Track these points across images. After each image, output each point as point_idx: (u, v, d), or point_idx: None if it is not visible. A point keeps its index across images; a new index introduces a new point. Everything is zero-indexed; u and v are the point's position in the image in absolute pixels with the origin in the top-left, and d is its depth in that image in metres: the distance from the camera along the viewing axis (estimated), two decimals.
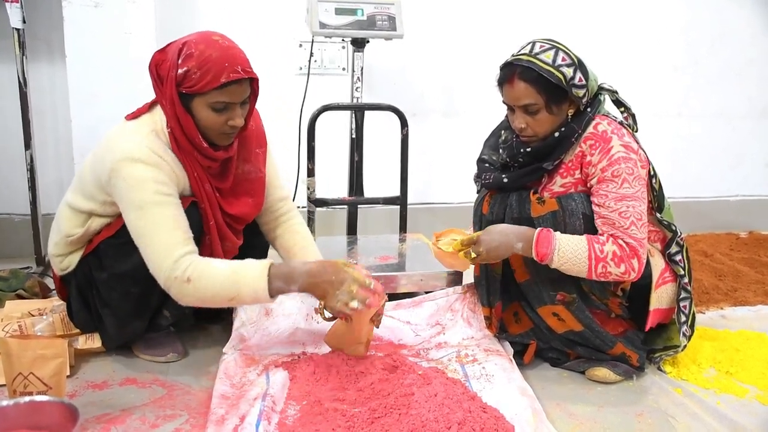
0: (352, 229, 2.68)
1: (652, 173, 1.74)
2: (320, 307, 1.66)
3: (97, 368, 1.78)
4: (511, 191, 1.79)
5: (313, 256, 1.88)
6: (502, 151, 1.84)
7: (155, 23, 2.46)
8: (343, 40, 2.88)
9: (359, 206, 2.70)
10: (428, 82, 3.08)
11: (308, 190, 2.41)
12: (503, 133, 1.87)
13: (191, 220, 1.64)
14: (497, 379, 1.67)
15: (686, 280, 1.78)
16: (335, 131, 2.80)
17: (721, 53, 3.39)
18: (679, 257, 1.78)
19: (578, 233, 1.68)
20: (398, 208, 2.54)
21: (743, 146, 3.55)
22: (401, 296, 2.06)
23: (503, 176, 1.80)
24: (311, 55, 2.65)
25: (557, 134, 1.71)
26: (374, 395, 1.54)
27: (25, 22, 2.40)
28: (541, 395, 1.65)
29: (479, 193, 1.91)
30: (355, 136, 2.58)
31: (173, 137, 1.64)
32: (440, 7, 3.01)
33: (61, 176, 2.73)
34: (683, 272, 1.77)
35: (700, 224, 3.41)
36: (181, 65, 1.57)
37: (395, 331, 1.93)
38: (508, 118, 1.79)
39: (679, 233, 1.78)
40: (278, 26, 2.85)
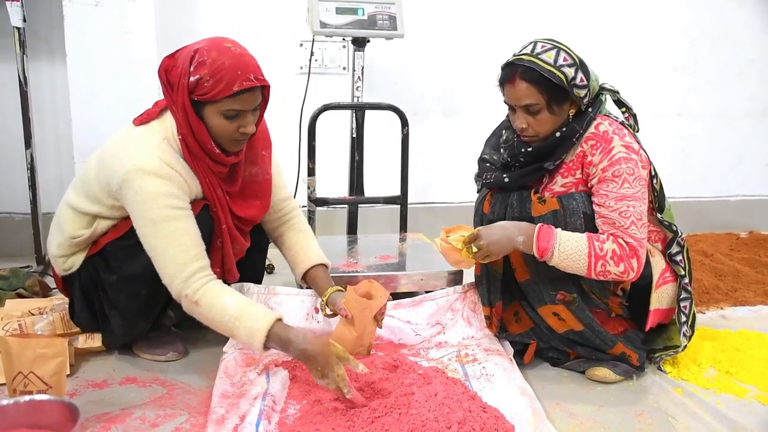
0: (352, 228, 2.69)
1: (653, 173, 1.74)
2: (320, 305, 1.66)
3: (97, 367, 1.78)
4: (512, 191, 1.79)
5: (315, 255, 1.88)
6: (503, 150, 1.84)
7: (155, 22, 2.46)
8: (343, 39, 2.88)
9: (360, 206, 2.70)
10: (429, 81, 3.08)
11: (309, 189, 2.41)
12: (504, 132, 1.87)
13: (203, 224, 1.64)
14: (497, 378, 1.68)
15: (687, 280, 1.78)
16: (336, 131, 2.80)
17: (721, 53, 3.39)
18: (679, 257, 1.78)
19: (579, 232, 1.68)
20: (398, 207, 2.54)
21: (743, 146, 3.55)
22: (401, 296, 2.06)
23: (504, 176, 1.80)
24: (312, 54, 2.65)
25: (558, 134, 1.71)
26: (374, 395, 1.55)
27: (25, 20, 2.40)
28: (541, 395, 1.65)
29: (480, 192, 1.91)
30: (355, 135, 2.58)
31: (185, 144, 1.62)
32: (441, 6, 3.01)
33: (61, 175, 2.73)
34: (684, 272, 1.77)
35: (700, 224, 3.41)
36: (193, 73, 1.55)
37: (395, 330, 1.93)
38: (509, 117, 1.79)
39: (679, 233, 1.78)
40: (279, 25, 2.85)
